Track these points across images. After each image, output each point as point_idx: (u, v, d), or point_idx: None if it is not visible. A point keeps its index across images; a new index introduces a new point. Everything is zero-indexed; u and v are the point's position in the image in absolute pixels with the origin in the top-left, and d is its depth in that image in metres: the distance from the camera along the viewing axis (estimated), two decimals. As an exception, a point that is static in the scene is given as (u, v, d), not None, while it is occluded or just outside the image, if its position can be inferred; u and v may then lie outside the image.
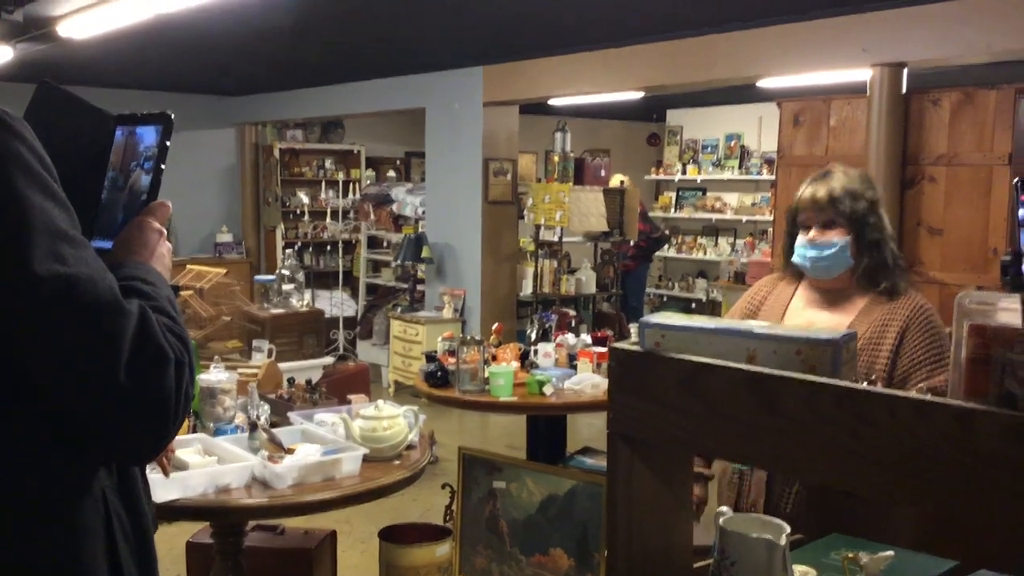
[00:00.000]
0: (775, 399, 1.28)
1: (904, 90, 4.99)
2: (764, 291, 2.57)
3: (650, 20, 5.88)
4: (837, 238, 2.36)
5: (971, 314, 1.19)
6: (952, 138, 4.85)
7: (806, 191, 2.41)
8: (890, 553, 1.44)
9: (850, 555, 1.47)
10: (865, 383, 1.26)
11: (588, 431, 6.50)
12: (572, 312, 7.48)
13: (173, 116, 1.40)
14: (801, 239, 2.41)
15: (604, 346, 4.13)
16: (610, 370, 1.53)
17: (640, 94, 7.17)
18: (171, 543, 3.73)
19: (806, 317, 2.44)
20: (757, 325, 1.44)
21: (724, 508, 1.51)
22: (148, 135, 1.41)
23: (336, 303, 8.99)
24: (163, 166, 1.39)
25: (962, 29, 4.66)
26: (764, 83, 6.26)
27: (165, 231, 1.41)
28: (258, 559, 3.18)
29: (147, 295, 1.25)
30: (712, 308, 10.31)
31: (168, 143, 1.39)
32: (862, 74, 5.16)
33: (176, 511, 2.53)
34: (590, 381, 3.76)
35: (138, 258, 1.33)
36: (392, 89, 8.57)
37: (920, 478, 1.15)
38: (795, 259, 2.44)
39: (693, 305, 10.99)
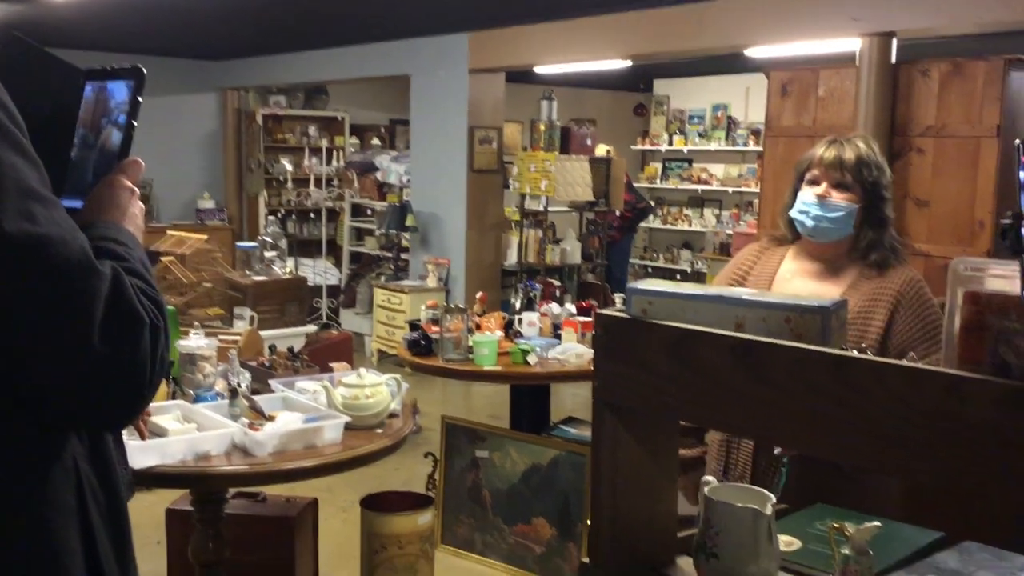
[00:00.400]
0: (763, 367, 1.26)
1: (893, 60, 4.95)
2: (751, 260, 2.52)
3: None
4: (847, 202, 2.30)
5: (965, 281, 1.17)
6: (941, 109, 4.82)
7: (829, 150, 2.33)
8: (876, 524, 1.42)
9: (836, 525, 1.45)
10: (855, 351, 1.23)
11: (572, 401, 6.50)
12: (556, 282, 7.47)
13: (145, 71, 1.34)
14: (808, 194, 2.33)
15: (589, 316, 4.11)
16: (596, 337, 1.50)
17: (627, 63, 7.11)
18: (151, 510, 3.70)
19: (794, 287, 2.40)
20: (746, 292, 1.42)
21: (709, 478, 1.49)
22: (119, 90, 1.35)
23: (319, 271, 8.93)
24: (135, 122, 1.33)
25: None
26: (752, 52, 6.21)
27: (137, 190, 1.36)
28: (239, 527, 3.16)
29: (119, 256, 1.21)
30: (697, 279, 10.31)
31: (140, 98, 1.33)
32: (851, 44, 5.12)
33: (155, 478, 2.50)
34: (574, 351, 3.74)
35: (109, 218, 1.28)
36: (377, 55, 8.47)
37: (910, 448, 1.12)
38: (795, 213, 2.36)
39: (678, 276, 10.98)
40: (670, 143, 11.33)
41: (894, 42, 4.93)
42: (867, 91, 4.95)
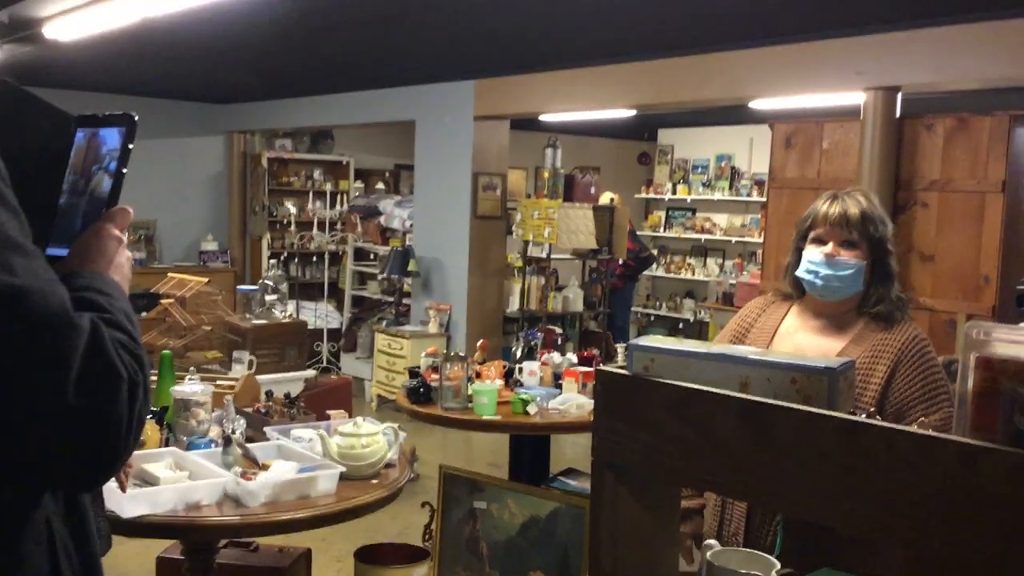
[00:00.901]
0: (768, 430, 1.22)
1: (898, 114, 4.95)
2: (754, 313, 2.50)
3: (643, 38, 5.84)
4: (855, 259, 2.27)
5: (978, 346, 1.13)
6: (945, 164, 4.82)
7: (833, 206, 2.29)
8: (884, 592, 1.37)
9: (842, 593, 1.40)
10: (863, 416, 1.19)
11: (572, 451, 6.43)
12: (558, 330, 7.44)
13: (137, 117, 1.32)
14: (815, 254, 2.29)
15: (590, 366, 4.07)
16: (596, 394, 1.46)
17: (632, 112, 7.14)
18: (141, 557, 3.65)
19: (796, 341, 2.36)
20: (751, 351, 1.38)
21: (711, 541, 1.44)
22: (111, 137, 1.33)
23: (321, 315, 8.90)
24: (125, 170, 1.30)
25: (957, 54, 4.64)
26: (757, 104, 6.23)
27: (125, 239, 1.33)
28: (230, 577, 3.10)
29: (102, 307, 1.18)
30: (700, 328, 10.27)
31: (131, 146, 1.31)
32: (856, 97, 5.13)
33: (144, 527, 2.45)
34: (575, 401, 3.69)
35: (95, 267, 1.25)
36: (383, 100, 8.51)
37: (919, 518, 1.08)
38: (802, 273, 2.32)
39: (680, 325, 10.94)
40: (674, 192, 11.35)
41: (899, 96, 4.94)
42: (871, 144, 4.95)
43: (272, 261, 7.63)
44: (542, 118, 7.69)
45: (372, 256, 9.62)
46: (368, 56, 7.06)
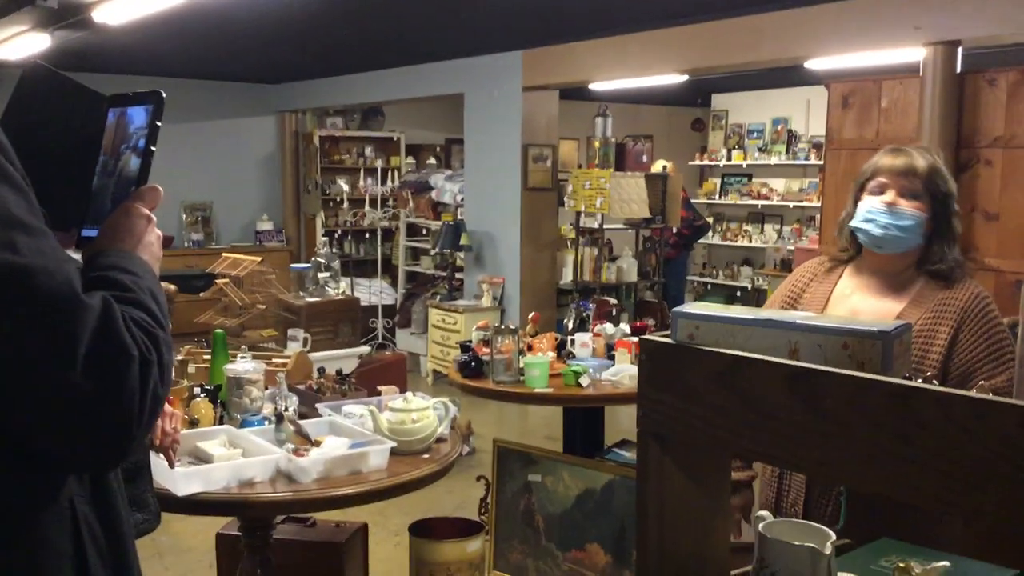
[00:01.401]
0: (818, 398, 1.17)
1: (959, 70, 4.79)
2: (806, 277, 2.40)
3: (694, 1, 5.72)
4: (917, 212, 2.16)
5: (1041, 304, 1.07)
6: (1009, 120, 4.64)
7: (898, 158, 2.19)
8: (945, 563, 1.32)
9: (901, 564, 1.35)
10: (919, 380, 1.14)
11: (628, 422, 6.38)
12: (613, 301, 7.37)
13: (164, 94, 1.31)
14: (874, 202, 2.18)
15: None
16: (640, 363, 1.42)
17: (684, 77, 7.01)
18: (202, 534, 3.69)
19: (852, 304, 2.27)
20: (800, 316, 1.32)
21: (763, 512, 1.39)
22: (138, 115, 1.32)
23: (375, 291, 8.94)
24: (153, 147, 1.29)
25: (1019, 5, 4.46)
26: (812, 64, 6.06)
27: (154, 218, 1.32)
28: (288, 553, 3.12)
29: (125, 286, 1.16)
30: (757, 296, 10.13)
31: (159, 123, 1.30)
32: (914, 54, 4.97)
33: (198, 505, 2.47)
34: (627, 372, 3.64)
35: (123, 246, 1.25)
36: (431, 74, 8.48)
37: (978, 488, 1.03)
38: (859, 223, 2.21)
39: (738, 293, 10.80)
40: (729, 158, 11.16)
41: (959, 51, 4.77)
42: (932, 102, 4.79)
43: (325, 239, 7.66)
44: (592, 87, 7.60)
45: (424, 231, 9.63)
46: (415, 30, 7.03)
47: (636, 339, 3.89)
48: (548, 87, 7.52)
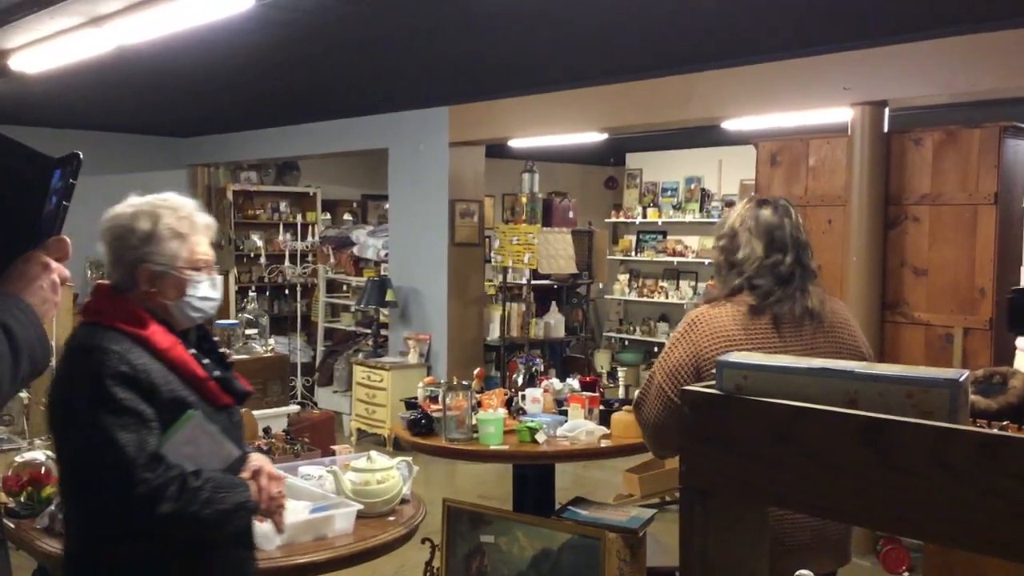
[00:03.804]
0: (895, 450, 1.12)
1: (886, 129, 4.94)
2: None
3: (619, 60, 5.80)
4: None
5: None
6: (936, 177, 4.80)
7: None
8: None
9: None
10: (996, 430, 1.10)
11: (578, 480, 6.29)
12: (540, 358, 7.32)
13: (81, 156, 1.43)
14: None
15: (593, 391, 3.97)
16: (684, 417, 1.36)
17: (603, 136, 7.09)
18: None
19: None
20: (858, 364, 1.28)
21: (806, 573, 1.33)
22: (58, 174, 1.42)
23: (293, 349, 8.72)
24: (66, 204, 1.41)
25: (945, 67, 4.63)
26: (736, 124, 6.19)
27: (54, 264, 1.40)
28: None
29: None
30: (676, 352, 10.20)
31: (73, 181, 1.41)
32: (841, 114, 5.11)
33: None
34: (584, 428, 3.58)
35: (8, 288, 1.35)
36: (354, 129, 8.39)
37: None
38: None
39: (656, 349, 10.88)
40: (644, 216, 11.32)
41: (886, 111, 4.93)
42: (860, 160, 4.92)
43: (250, 294, 7.43)
44: (512, 143, 7.62)
45: (344, 287, 9.46)
46: (341, 85, 6.95)
47: (589, 394, 3.85)
48: (474, 143, 7.51)
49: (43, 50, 5.04)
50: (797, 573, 1.33)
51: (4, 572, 1.35)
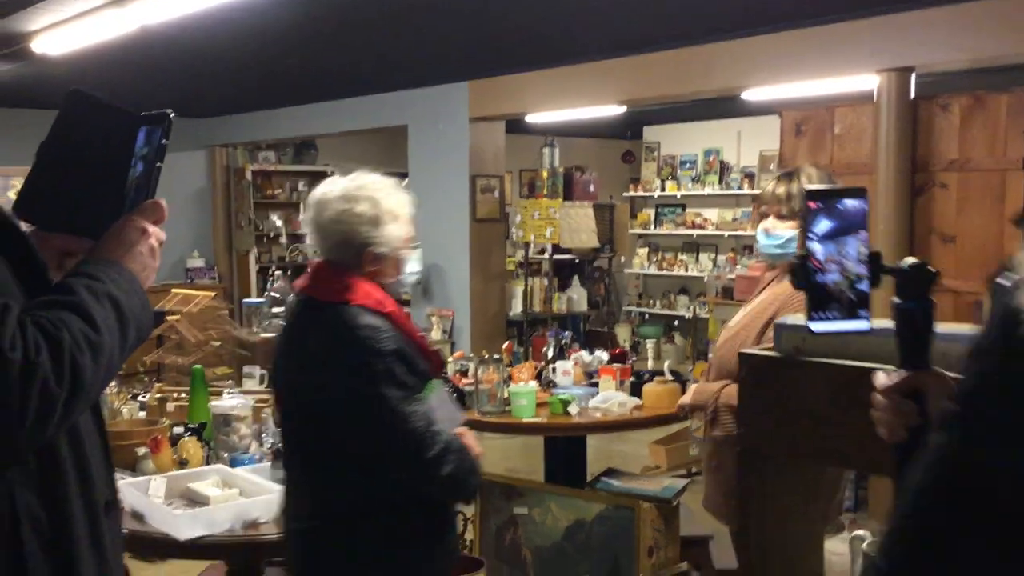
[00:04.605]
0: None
1: (912, 95, 4.89)
2: None
3: (640, 32, 5.76)
4: (787, 231, 2.60)
5: None
6: (963, 143, 4.76)
7: (769, 186, 2.75)
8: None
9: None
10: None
11: (609, 451, 6.30)
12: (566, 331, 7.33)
13: (172, 114, 1.40)
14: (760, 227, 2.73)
15: (623, 362, 3.97)
16: (740, 379, 1.36)
17: (622, 109, 7.05)
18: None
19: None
20: (920, 324, 1.28)
21: (864, 532, 1.34)
22: (151, 134, 1.40)
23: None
24: (160, 164, 1.38)
25: (971, 32, 4.58)
26: (759, 93, 6.14)
27: (152, 229, 1.38)
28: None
29: (71, 291, 1.21)
30: (697, 325, 10.19)
31: (166, 141, 1.38)
32: (867, 81, 5.06)
33: (202, 549, 2.33)
34: (616, 399, 3.59)
35: (109, 255, 1.32)
36: (372, 107, 8.38)
37: None
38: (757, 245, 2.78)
39: (676, 322, 10.87)
40: (662, 189, 11.28)
41: (912, 77, 4.88)
42: (886, 128, 4.88)
43: (276, 272, 7.45)
44: (528, 119, 7.59)
45: (365, 265, 9.46)
46: (360, 62, 6.94)
47: (619, 365, 3.86)
48: (494, 118, 7.49)
49: (66, 31, 5.05)
50: (853, 534, 1.34)
51: (116, 533, 1.35)
